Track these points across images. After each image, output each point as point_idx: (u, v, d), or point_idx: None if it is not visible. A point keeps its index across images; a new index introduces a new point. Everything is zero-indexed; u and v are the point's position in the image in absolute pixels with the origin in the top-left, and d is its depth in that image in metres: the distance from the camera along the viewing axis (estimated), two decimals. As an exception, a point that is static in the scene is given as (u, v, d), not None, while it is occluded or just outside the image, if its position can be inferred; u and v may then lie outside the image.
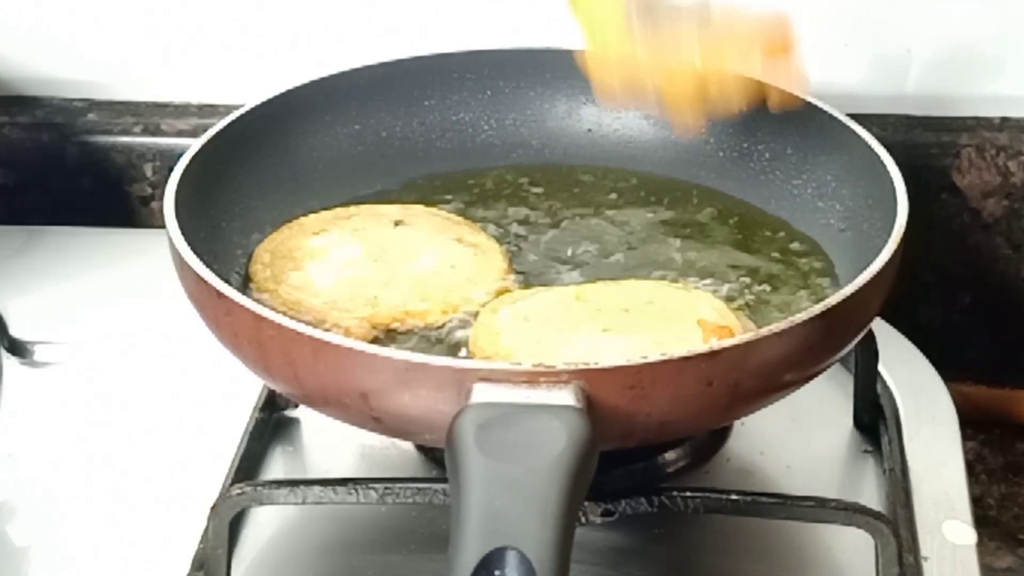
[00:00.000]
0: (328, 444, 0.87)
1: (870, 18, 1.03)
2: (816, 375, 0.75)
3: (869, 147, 0.86)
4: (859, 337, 0.78)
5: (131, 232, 1.09)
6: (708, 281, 0.85)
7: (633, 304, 0.80)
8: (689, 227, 0.90)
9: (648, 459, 0.82)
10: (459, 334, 0.81)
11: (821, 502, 0.75)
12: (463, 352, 0.79)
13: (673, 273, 0.86)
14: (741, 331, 0.78)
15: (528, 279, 0.85)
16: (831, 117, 0.89)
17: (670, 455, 0.83)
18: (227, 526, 0.76)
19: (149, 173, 1.10)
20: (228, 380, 0.83)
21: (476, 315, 0.82)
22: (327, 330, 0.77)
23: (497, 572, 0.60)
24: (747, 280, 0.85)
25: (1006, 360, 1.06)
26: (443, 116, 0.96)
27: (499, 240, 0.88)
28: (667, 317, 0.79)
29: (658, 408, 0.69)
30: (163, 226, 0.79)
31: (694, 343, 0.75)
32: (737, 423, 0.87)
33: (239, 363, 0.76)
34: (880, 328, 0.87)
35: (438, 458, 0.83)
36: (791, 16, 0.84)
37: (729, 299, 0.83)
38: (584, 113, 0.96)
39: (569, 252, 0.88)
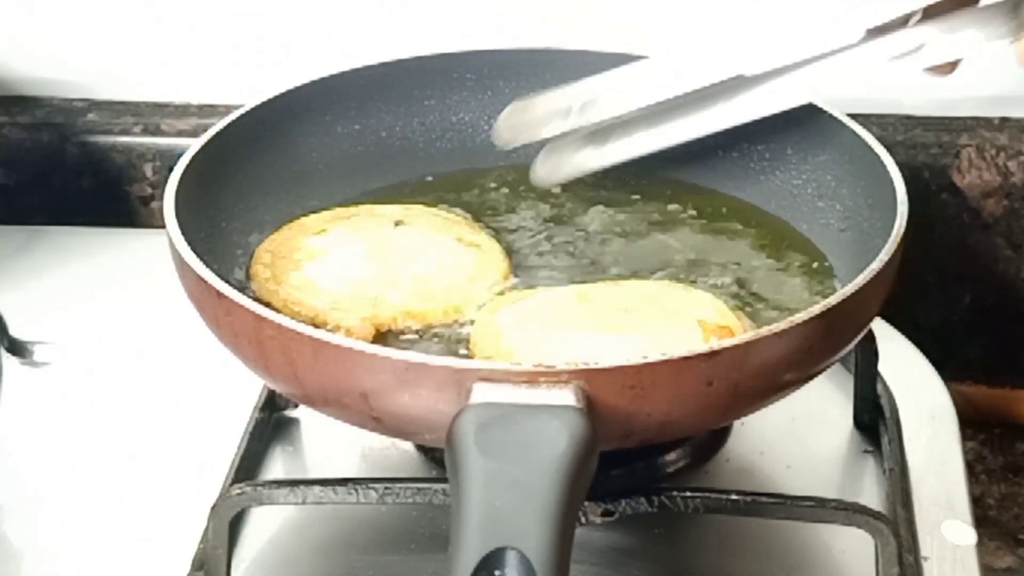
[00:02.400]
0: (328, 444, 0.87)
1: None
2: (816, 375, 0.75)
3: (869, 147, 0.86)
4: (859, 337, 0.78)
5: (131, 232, 1.09)
6: (708, 281, 0.85)
7: (634, 304, 0.80)
8: (688, 227, 0.90)
9: (648, 459, 0.82)
10: (460, 334, 0.81)
11: (821, 502, 0.75)
12: (464, 352, 0.79)
13: (673, 273, 0.86)
14: (741, 331, 0.78)
15: (528, 279, 0.85)
16: (831, 117, 0.89)
17: (670, 455, 0.83)
18: (227, 526, 0.76)
19: (149, 173, 1.10)
20: (228, 380, 0.83)
21: (477, 315, 0.82)
22: (329, 331, 0.77)
23: (497, 572, 0.60)
24: (746, 280, 0.85)
25: (1006, 360, 1.06)
26: (443, 116, 0.96)
27: (499, 240, 0.88)
28: (668, 317, 0.79)
29: (658, 408, 0.69)
30: (163, 226, 0.79)
31: (694, 343, 0.75)
32: (737, 423, 0.87)
33: (239, 363, 0.76)
34: (880, 328, 0.87)
35: (438, 458, 0.83)
36: None
37: (729, 299, 0.83)
38: (584, 113, 0.96)
39: (569, 252, 0.88)
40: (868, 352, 0.86)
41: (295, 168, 0.92)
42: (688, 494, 0.75)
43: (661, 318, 0.79)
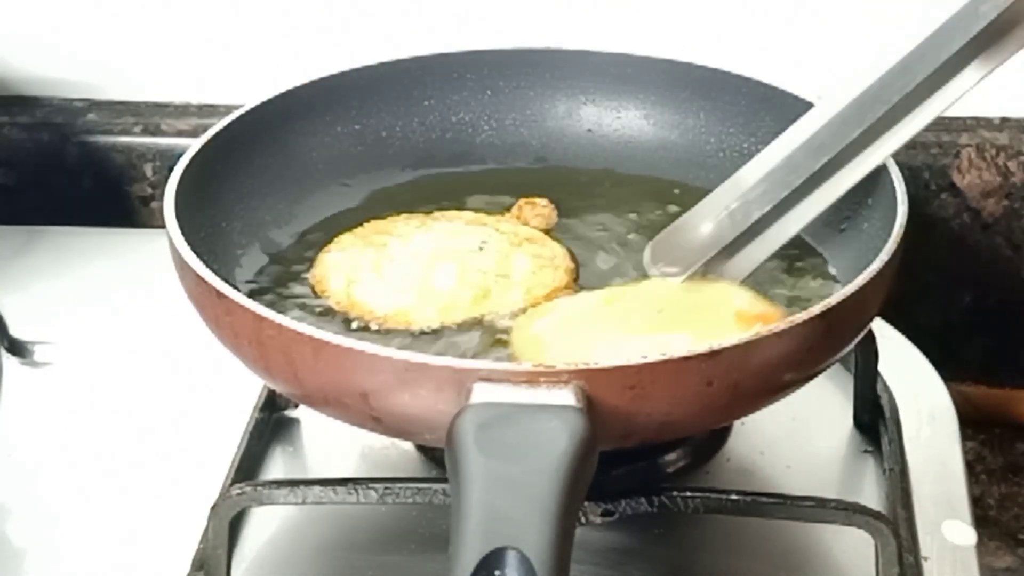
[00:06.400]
0: (328, 444, 0.87)
1: (870, 17, 1.03)
2: (816, 375, 0.75)
3: (869, 147, 0.86)
4: (859, 337, 0.78)
5: (131, 232, 1.09)
6: (708, 281, 0.85)
7: (665, 303, 0.80)
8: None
9: (648, 459, 0.82)
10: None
11: (821, 502, 0.75)
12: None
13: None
14: (780, 316, 0.78)
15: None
16: (831, 117, 0.89)
17: (670, 455, 0.83)
18: (227, 526, 0.76)
19: (149, 173, 1.10)
20: (228, 380, 0.83)
21: (513, 327, 0.81)
22: None
23: (497, 572, 0.60)
24: (746, 280, 0.85)
25: (1006, 360, 1.06)
26: (443, 116, 0.96)
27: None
28: (703, 312, 0.78)
29: (658, 408, 0.69)
30: (163, 226, 0.79)
31: (740, 334, 0.75)
32: (737, 423, 0.87)
33: (239, 363, 0.76)
34: (880, 328, 0.87)
35: (438, 458, 0.83)
36: None
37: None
38: (584, 113, 0.96)
39: (571, 253, 0.88)
40: (868, 352, 0.86)
41: (295, 168, 0.92)
42: (688, 494, 0.75)
43: (697, 314, 0.78)
